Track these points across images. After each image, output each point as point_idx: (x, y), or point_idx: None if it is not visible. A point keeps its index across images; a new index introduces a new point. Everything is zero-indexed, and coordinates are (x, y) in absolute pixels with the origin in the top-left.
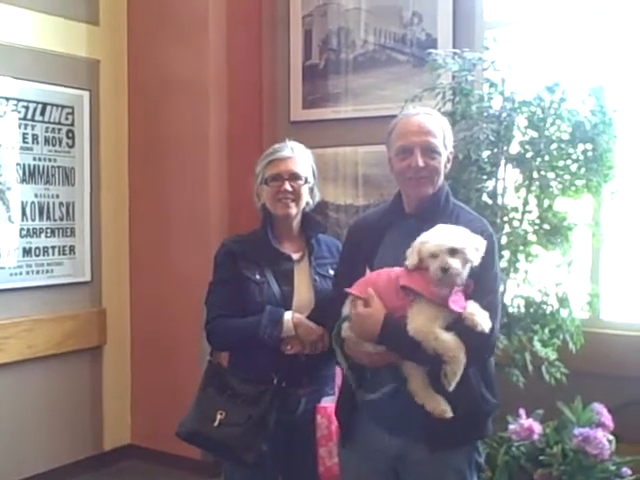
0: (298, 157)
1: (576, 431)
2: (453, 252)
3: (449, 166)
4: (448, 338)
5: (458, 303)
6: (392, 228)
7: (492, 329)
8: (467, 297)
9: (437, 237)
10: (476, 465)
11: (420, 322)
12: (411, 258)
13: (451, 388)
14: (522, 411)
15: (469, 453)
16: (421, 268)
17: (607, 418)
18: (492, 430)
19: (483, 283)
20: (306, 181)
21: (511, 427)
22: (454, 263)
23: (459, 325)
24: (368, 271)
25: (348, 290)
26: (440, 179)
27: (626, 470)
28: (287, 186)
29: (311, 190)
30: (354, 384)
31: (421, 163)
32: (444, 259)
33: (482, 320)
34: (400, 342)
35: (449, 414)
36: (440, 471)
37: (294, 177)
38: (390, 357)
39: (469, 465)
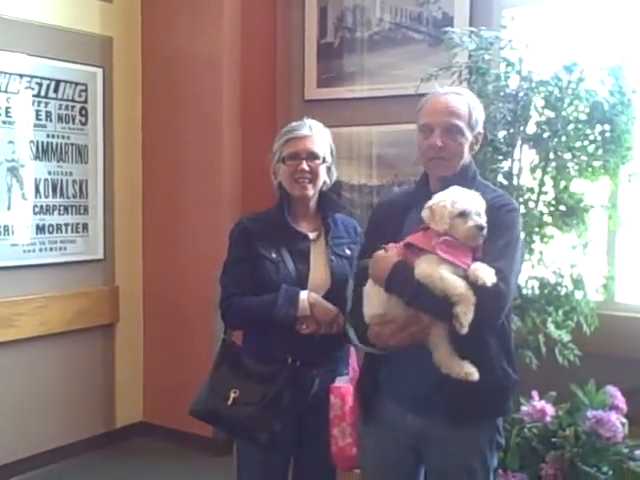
0: (316, 136)
1: (589, 413)
2: (478, 213)
3: (477, 147)
4: (454, 278)
5: (462, 260)
6: (417, 207)
7: (500, 289)
8: (475, 259)
9: (464, 198)
10: (497, 445)
11: (425, 266)
12: (441, 223)
13: (464, 330)
14: (535, 393)
15: (490, 432)
16: (427, 228)
17: (620, 401)
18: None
19: (497, 248)
20: (324, 160)
21: (524, 409)
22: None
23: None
24: None
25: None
26: (462, 160)
27: (639, 453)
28: (304, 165)
29: (328, 169)
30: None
31: (439, 143)
32: (477, 219)
33: (484, 274)
34: (407, 284)
35: (475, 376)
36: (461, 450)
37: (312, 156)
38: (415, 333)
39: (490, 444)
